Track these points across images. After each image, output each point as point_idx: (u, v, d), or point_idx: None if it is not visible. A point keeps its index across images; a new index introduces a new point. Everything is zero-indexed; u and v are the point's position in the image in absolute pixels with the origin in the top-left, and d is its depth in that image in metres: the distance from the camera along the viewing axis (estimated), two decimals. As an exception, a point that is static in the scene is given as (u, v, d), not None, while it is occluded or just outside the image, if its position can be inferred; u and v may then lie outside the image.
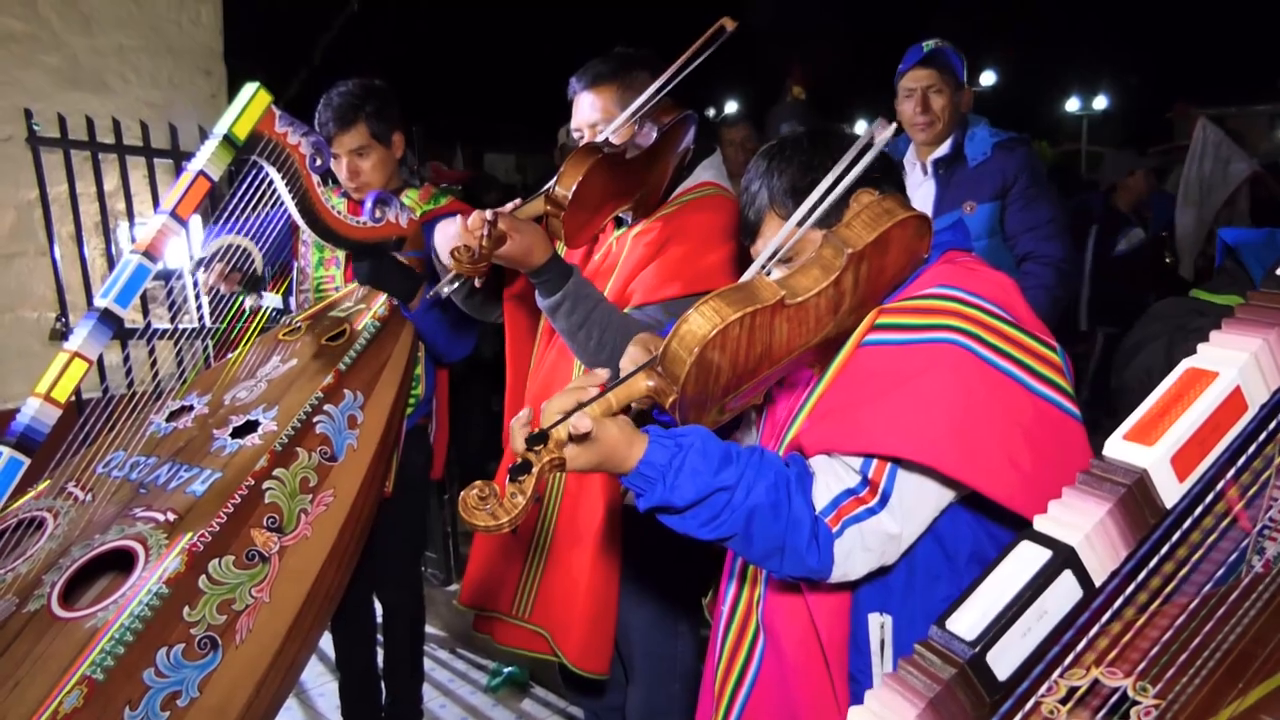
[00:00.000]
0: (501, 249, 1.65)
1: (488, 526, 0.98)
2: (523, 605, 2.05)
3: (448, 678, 3.35)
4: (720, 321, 1.05)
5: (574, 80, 1.96)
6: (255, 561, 1.65)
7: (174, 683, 1.47)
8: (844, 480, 1.15)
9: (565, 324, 1.75)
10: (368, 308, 2.24)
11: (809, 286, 1.13)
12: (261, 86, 1.84)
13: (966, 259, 1.32)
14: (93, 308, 1.71)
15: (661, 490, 1.09)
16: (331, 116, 2.33)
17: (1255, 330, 0.67)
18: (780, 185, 1.29)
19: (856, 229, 1.18)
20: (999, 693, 0.62)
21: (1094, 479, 0.65)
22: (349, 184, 2.40)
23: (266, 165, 1.89)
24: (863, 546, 1.13)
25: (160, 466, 1.83)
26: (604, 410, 1.09)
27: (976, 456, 1.10)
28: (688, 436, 1.11)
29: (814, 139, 1.33)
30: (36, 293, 3.38)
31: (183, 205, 1.76)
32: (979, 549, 1.23)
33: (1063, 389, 1.17)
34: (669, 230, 1.91)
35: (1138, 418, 0.67)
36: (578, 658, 1.94)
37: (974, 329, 1.15)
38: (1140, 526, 0.65)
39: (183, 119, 3.57)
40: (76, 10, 3.39)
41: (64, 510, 1.78)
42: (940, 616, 0.63)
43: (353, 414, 1.96)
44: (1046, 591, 0.62)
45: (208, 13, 3.78)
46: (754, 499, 1.10)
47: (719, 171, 2.05)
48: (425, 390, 2.49)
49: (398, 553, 2.62)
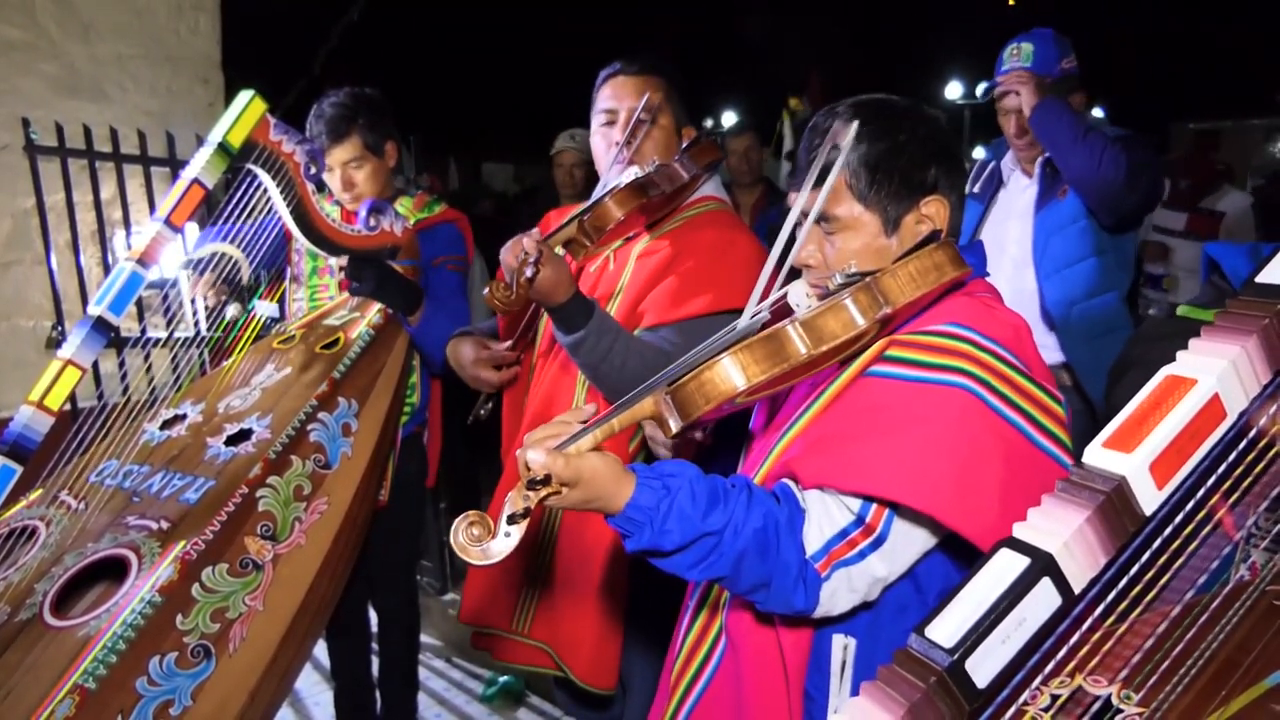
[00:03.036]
0: (535, 282, 1.62)
1: (479, 565, 0.99)
2: (523, 621, 2.04)
3: (443, 687, 3.34)
4: (747, 383, 1.04)
5: (619, 64, 1.95)
6: (249, 569, 1.64)
7: (167, 691, 1.46)
8: (837, 521, 1.13)
9: (588, 358, 1.72)
10: (362, 316, 2.24)
11: (836, 334, 1.09)
12: (256, 94, 1.84)
13: (985, 292, 1.29)
14: (86, 315, 1.71)
15: (649, 534, 1.07)
16: (324, 129, 2.33)
17: (1233, 338, 0.67)
18: (863, 154, 1.24)
19: (901, 281, 1.12)
20: (978, 700, 0.62)
21: (1073, 486, 0.66)
22: (343, 195, 2.39)
23: (261, 173, 1.89)
24: (849, 588, 1.12)
25: (153, 475, 1.83)
26: (606, 434, 1.08)
27: (976, 508, 1.08)
28: (676, 478, 1.10)
29: (918, 121, 1.28)
30: (33, 301, 3.38)
31: (177, 213, 1.76)
32: (950, 584, 1.22)
33: (1063, 443, 1.16)
34: (676, 248, 1.90)
35: (1116, 425, 0.67)
36: (586, 674, 1.92)
37: (986, 375, 1.13)
38: (1119, 534, 0.65)
39: (180, 128, 3.57)
40: (75, 18, 3.39)
41: (56, 519, 1.77)
42: (919, 624, 0.63)
43: (347, 422, 1.96)
44: (1025, 599, 0.62)
45: (206, 22, 3.78)
46: (742, 543, 1.09)
47: (717, 185, 2.06)
48: (420, 399, 2.49)
49: (393, 561, 2.61)
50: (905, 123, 1.27)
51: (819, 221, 1.26)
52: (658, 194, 1.80)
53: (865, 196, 1.25)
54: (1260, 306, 0.68)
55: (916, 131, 1.26)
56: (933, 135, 1.28)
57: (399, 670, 2.73)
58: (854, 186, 1.25)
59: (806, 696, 1.25)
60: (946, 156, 1.28)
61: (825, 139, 1.22)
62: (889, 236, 1.26)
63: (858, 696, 0.63)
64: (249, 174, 1.91)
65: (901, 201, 1.25)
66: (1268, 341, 0.67)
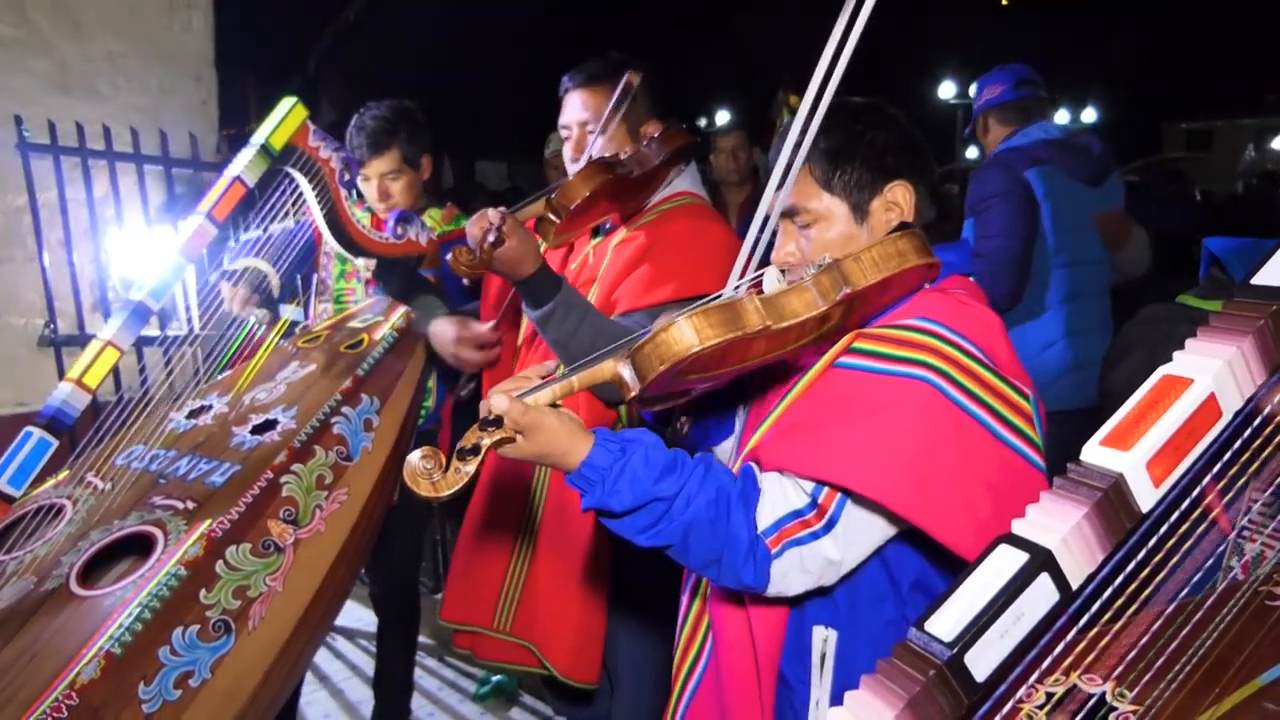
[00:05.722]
0: (499, 251, 1.68)
1: (426, 496, 1.02)
2: (504, 619, 2.05)
3: (436, 686, 3.34)
4: (700, 344, 1.05)
5: (567, 78, 1.99)
6: (271, 551, 1.69)
7: (187, 662, 1.50)
8: (791, 501, 1.15)
9: (556, 334, 1.76)
10: (386, 319, 2.28)
11: (797, 312, 1.11)
12: (299, 101, 1.91)
13: (961, 289, 1.30)
14: (127, 299, 1.76)
15: (600, 493, 1.11)
16: (365, 141, 2.39)
17: (1230, 338, 0.68)
18: (824, 148, 1.28)
19: (864, 265, 1.15)
20: (977, 694, 0.62)
21: (1071, 483, 0.66)
22: (378, 204, 2.46)
23: (298, 176, 1.96)
24: (801, 569, 1.14)
25: (180, 459, 1.87)
26: (565, 391, 1.11)
27: (932, 499, 1.10)
28: (634, 443, 1.13)
29: (875, 114, 1.32)
30: (25, 299, 3.37)
31: (219, 208, 1.82)
32: (924, 578, 1.23)
33: (1030, 439, 1.17)
34: (651, 238, 1.93)
35: (1114, 423, 0.68)
36: (568, 669, 1.94)
37: (949, 368, 1.14)
38: (1116, 530, 0.65)
39: (173, 125, 3.56)
40: (67, 16, 3.38)
41: (83, 498, 1.81)
42: (919, 618, 0.63)
43: (369, 417, 2.00)
44: (1024, 594, 0.63)
45: (199, 19, 3.77)
46: (692, 512, 1.11)
47: (695, 181, 2.08)
48: (435, 402, 2.55)
49: (399, 560, 2.65)
50: (863, 116, 1.32)
51: (792, 217, 1.30)
52: (624, 172, 1.83)
53: (830, 184, 1.29)
54: (1256, 307, 0.68)
55: (873, 122, 1.31)
56: (891, 126, 1.32)
57: (395, 673, 2.75)
58: (818, 177, 1.29)
59: (785, 684, 1.27)
60: (907, 144, 1.32)
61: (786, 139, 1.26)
62: (859, 225, 1.30)
63: (858, 690, 0.63)
64: (286, 176, 1.97)
65: (865, 188, 1.28)
66: (1263, 342, 0.68)
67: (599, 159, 1.82)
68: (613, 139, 1.94)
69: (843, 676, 1.22)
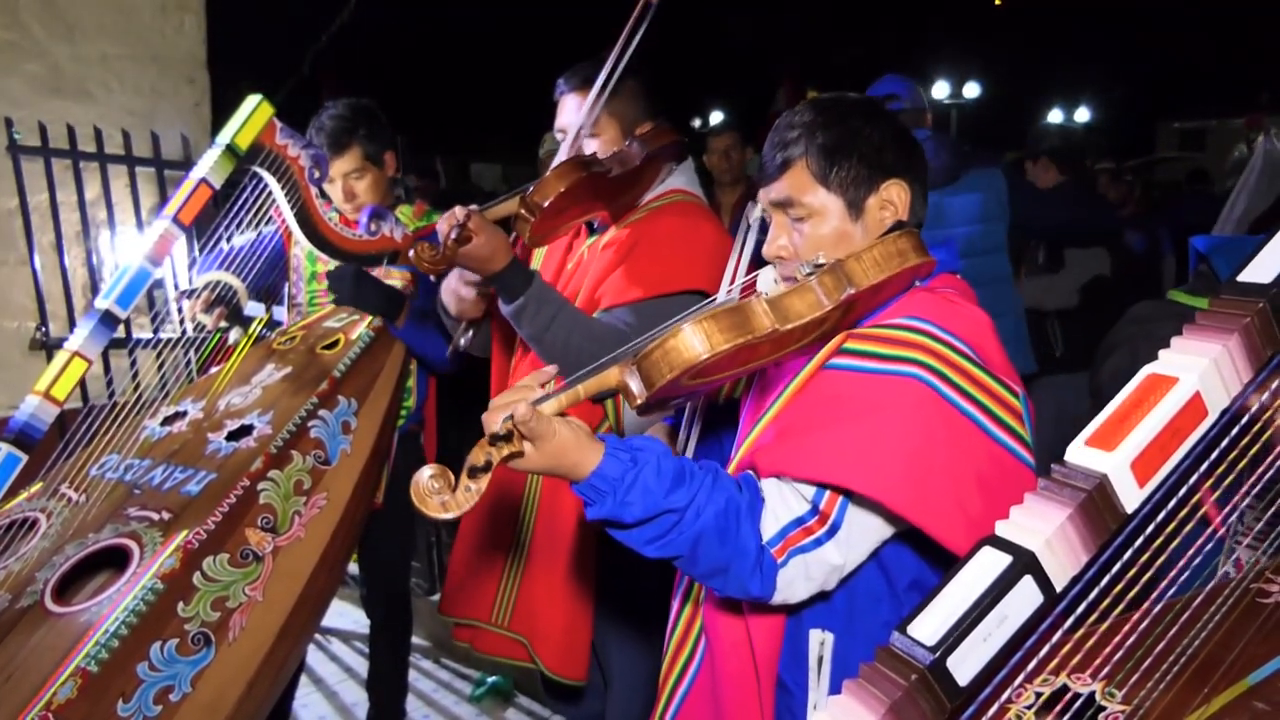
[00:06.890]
0: (465, 248, 1.67)
1: (435, 516, 0.99)
2: (502, 613, 2.05)
3: (432, 687, 3.33)
4: (710, 350, 1.04)
5: (561, 81, 1.98)
6: (249, 560, 1.67)
7: (167, 677, 1.48)
8: (793, 509, 1.14)
9: (530, 329, 1.75)
10: (361, 318, 2.26)
11: (802, 313, 1.11)
12: (264, 99, 1.87)
13: (949, 288, 1.30)
14: (93, 308, 1.73)
15: (611, 504, 1.08)
16: (324, 141, 2.35)
17: (1215, 336, 0.68)
18: (820, 143, 1.27)
19: (866, 265, 1.14)
20: (959, 698, 0.62)
21: (1055, 484, 0.66)
22: (345, 205, 2.42)
23: (266, 176, 1.92)
24: (805, 576, 1.13)
25: (155, 468, 1.85)
26: (571, 400, 1.09)
27: (927, 497, 1.10)
28: (644, 452, 1.11)
29: (872, 112, 1.32)
30: (16, 302, 3.35)
31: (184, 211, 1.80)
32: (921, 577, 1.23)
33: (1020, 436, 1.17)
34: (636, 235, 1.92)
35: (1099, 423, 0.67)
36: (555, 664, 1.94)
37: (940, 366, 1.14)
38: (1101, 532, 0.65)
39: (166, 128, 3.55)
40: (59, 18, 3.36)
41: (57, 511, 1.79)
42: (901, 622, 0.63)
43: (347, 420, 1.98)
44: (1007, 597, 0.62)
45: (191, 21, 3.76)
46: (702, 523, 1.10)
47: (690, 179, 2.06)
48: (416, 401, 2.53)
49: (388, 563, 2.64)
50: (860, 114, 1.31)
51: (786, 210, 1.29)
52: (602, 170, 1.81)
53: (826, 180, 1.27)
54: (1242, 305, 0.68)
55: (871, 120, 1.30)
56: (887, 124, 1.32)
57: (389, 675, 2.73)
58: (814, 172, 1.28)
59: (784, 689, 1.26)
60: (903, 143, 1.32)
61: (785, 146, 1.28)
62: (854, 222, 1.28)
63: (839, 694, 0.63)
64: (254, 177, 1.94)
65: (861, 185, 1.27)
66: (1249, 340, 0.68)
67: (575, 157, 1.81)
68: (607, 138, 1.94)
69: (841, 679, 1.21)
